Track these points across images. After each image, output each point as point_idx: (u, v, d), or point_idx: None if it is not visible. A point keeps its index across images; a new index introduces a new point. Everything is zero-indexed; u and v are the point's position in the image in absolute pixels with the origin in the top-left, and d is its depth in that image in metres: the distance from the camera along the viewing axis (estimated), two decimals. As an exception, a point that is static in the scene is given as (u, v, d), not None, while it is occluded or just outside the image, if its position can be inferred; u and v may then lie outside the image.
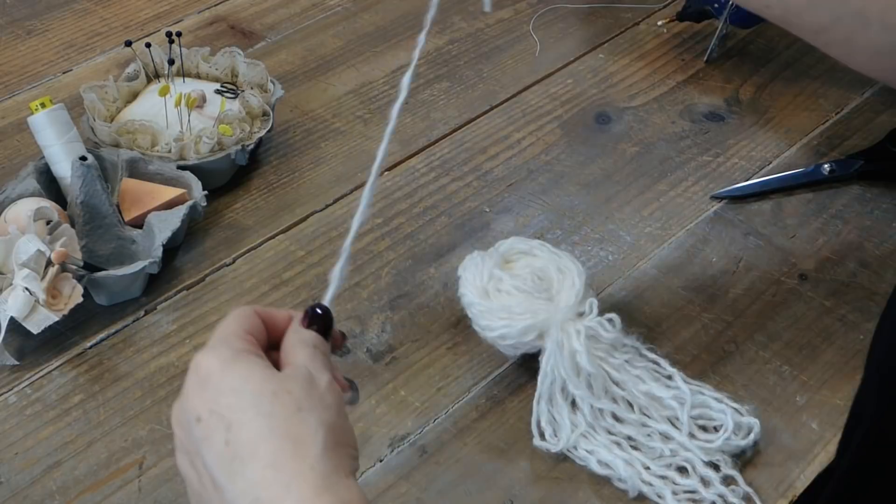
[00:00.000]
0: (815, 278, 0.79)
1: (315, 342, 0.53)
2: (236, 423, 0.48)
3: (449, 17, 1.07)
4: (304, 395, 0.49)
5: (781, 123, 0.93)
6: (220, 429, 0.48)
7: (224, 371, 0.50)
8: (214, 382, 0.50)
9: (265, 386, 0.49)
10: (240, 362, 0.50)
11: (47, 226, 0.74)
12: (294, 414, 0.48)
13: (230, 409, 0.48)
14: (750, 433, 0.67)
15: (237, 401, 0.49)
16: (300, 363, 0.52)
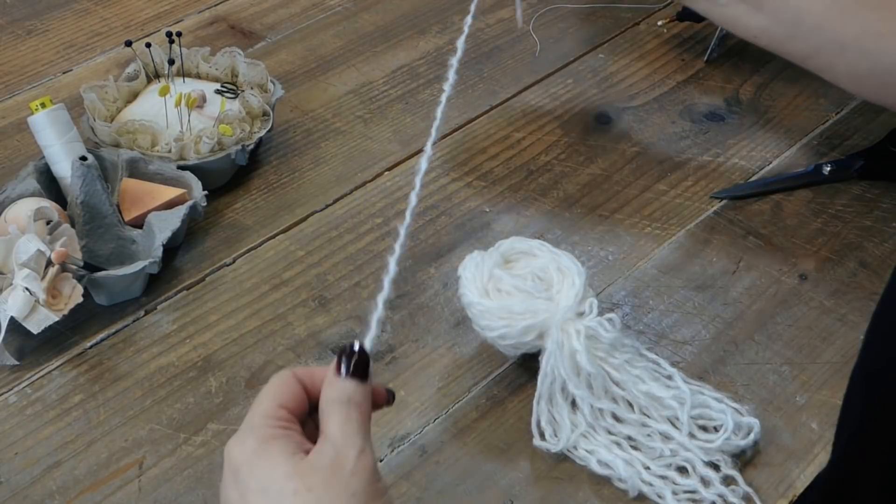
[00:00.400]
0: (815, 278, 0.79)
1: (349, 395, 0.51)
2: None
3: (449, 17, 1.07)
4: (325, 489, 0.48)
5: (781, 123, 0.93)
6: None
7: (250, 466, 0.49)
8: (243, 477, 0.49)
9: (287, 485, 0.48)
10: (263, 457, 0.49)
11: (47, 226, 0.74)
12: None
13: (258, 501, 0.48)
14: (750, 433, 0.67)
15: (262, 500, 0.48)
16: (328, 438, 0.50)
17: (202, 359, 0.74)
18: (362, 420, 0.50)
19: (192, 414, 0.70)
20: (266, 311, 0.77)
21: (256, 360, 0.73)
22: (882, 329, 0.55)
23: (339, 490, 0.48)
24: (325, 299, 0.78)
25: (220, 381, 0.72)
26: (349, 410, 0.50)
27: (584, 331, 0.68)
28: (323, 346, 0.74)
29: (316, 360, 0.73)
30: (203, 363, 0.73)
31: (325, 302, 0.77)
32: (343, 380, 0.51)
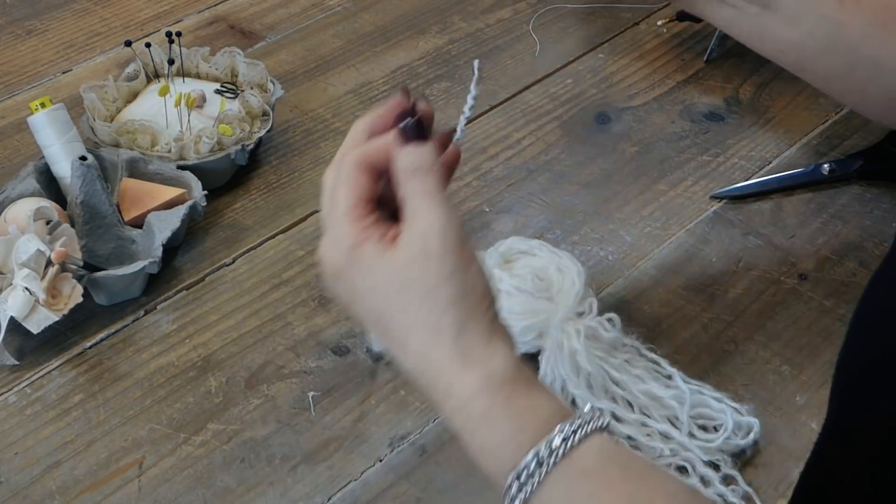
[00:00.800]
0: (815, 278, 0.79)
1: (418, 163, 0.52)
2: (383, 318, 0.52)
3: (449, 17, 1.07)
4: (424, 277, 0.51)
5: (781, 123, 0.93)
6: (372, 316, 0.53)
7: (351, 272, 0.52)
8: (346, 280, 0.53)
9: (391, 283, 0.51)
10: (358, 265, 0.52)
11: (47, 226, 0.74)
12: (422, 302, 0.51)
13: (372, 304, 0.52)
14: (750, 433, 0.67)
15: (374, 298, 0.52)
16: (411, 221, 0.51)
17: (202, 359, 0.74)
18: (436, 186, 0.52)
19: (192, 414, 0.70)
20: (266, 311, 0.77)
21: (256, 360, 0.73)
22: (861, 329, 0.55)
23: (437, 273, 0.51)
24: (324, 299, 0.78)
25: (219, 380, 0.72)
26: (422, 179, 0.52)
27: (583, 330, 0.68)
28: (323, 345, 0.74)
29: (316, 360, 0.73)
30: (203, 363, 0.73)
31: (324, 302, 0.77)
32: (407, 148, 0.52)
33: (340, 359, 0.73)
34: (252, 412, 0.70)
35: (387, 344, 0.53)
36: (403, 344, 0.52)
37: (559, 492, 0.48)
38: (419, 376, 0.52)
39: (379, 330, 0.53)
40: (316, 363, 0.73)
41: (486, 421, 0.50)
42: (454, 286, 0.51)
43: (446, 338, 0.51)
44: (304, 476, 0.66)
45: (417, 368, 0.52)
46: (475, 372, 0.50)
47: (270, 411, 0.70)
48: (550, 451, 0.48)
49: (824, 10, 0.63)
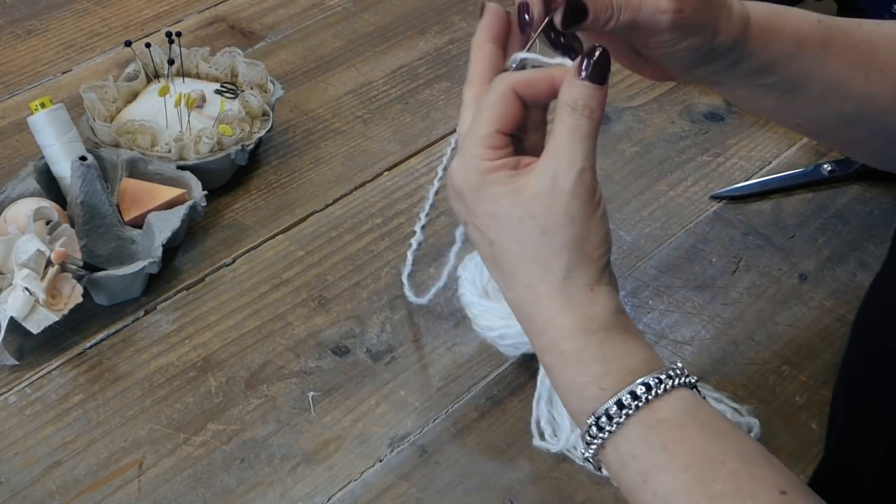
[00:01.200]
0: (814, 278, 0.79)
1: (585, 100, 0.51)
2: (496, 244, 0.53)
3: (449, 17, 1.07)
4: (547, 215, 0.51)
5: (781, 123, 0.93)
6: (485, 241, 0.53)
7: (475, 194, 0.52)
8: (469, 202, 0.53)
9: (513, 212, 0.51)
10: (485, 189, 0.52)
11: (47, 226, 0.74)
12: (539, 238, 0.51)
13: (488, 229, 0.53)
14: (750, 433, 0.67)
15: (492, 223, 0.52)
16: (552, 154, 0.51)
17: (202, 359, 0.74)
18: (590, 131, 0.51)
19: (192, 414, 0.70)
20: (266, 311, 0.77)
21: (256, 360, 0.73)
22: (866, 327, 0.55)
23: (560, 214, 0.51)
24: (324, 299, 0.78)
25: (219, 381, 0.72)
26: (580, 118, 0.51)
27: (583, 331, 0.68)
28: (323, 346, 0.74)
29: (316, 361, 0.73)
30: (203, 363, 0.73)
31: (324, 302, 0.77)
32: (581, 82, 0.51)
33: (340, 359, 0.73)
34: (252, 412, 0.70)
35: (493, 271, 0.54)
36: (511, 274, 0.53)
37: (634, 437, 0.49)
38: (519, 307, 0.53)
39: (489, 256, 0.53)
40: (316, 363, 0.73)
41: (576, 362, 0.51)
42: (573, 231, 0.51)
43: (554, 278, 0.52)
44: (304, 476, 0.66)
45: (519, 299, 0.53)
46: (574, 315, 0.51)
47: (270, 411, 0.70)
48: (632, 399, 0.50)
49: (852, 87, 0.61)
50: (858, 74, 0.61)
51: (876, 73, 0.61)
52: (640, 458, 0.49)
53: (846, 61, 0.61)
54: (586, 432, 0.51)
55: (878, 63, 0.61)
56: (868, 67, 0.61)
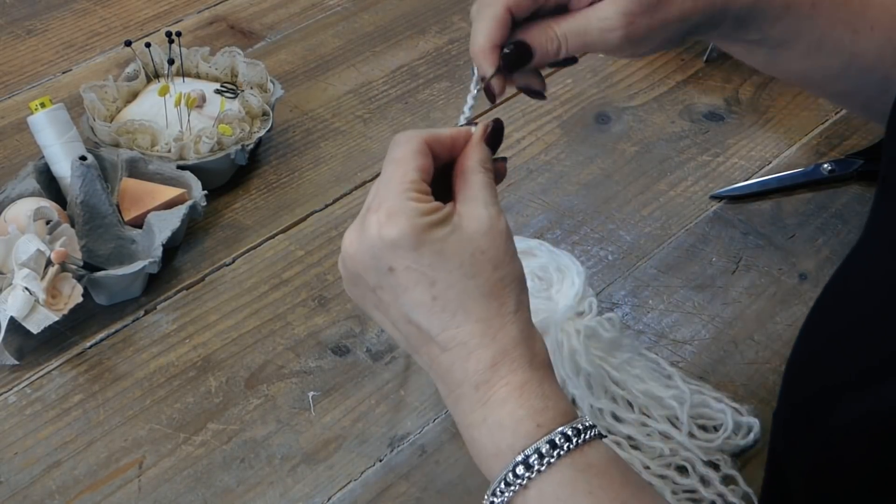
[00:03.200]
0: (814, 278, 0.79)
1: (488, 160, 0.55)
2: (441, 282, 0.52)
3: (449, 17, 1.07)
4: (495, 252, 0.53)
5: (781, 123, 0.93)
6: (422, 284, 0.52)
7: (419, 237, 0.52)
8: (407, 247, 0.52)
9: (464, 249, 0.53)
10: (433, 229, 0.53)
11: (47, 225, 0.74)
12: (492, 273, 0.53)
13: (433, 269, 0.52)
14: (750, 433, 0.67)
15: (440, 263, 0.52)
16: (476, 202, 0.54)
17: (202, 359, 0.74)
18: (493, 184, 0.55)
19: (192, 414, 0.70)
20: (266, 310, 0.77)
21: (256, 360, 0.73)
22: (808, 327, 0.55)
23: (504, 251, 0.53)
24: (324, 299, 0.78)
25: (219, 380, 0.72)
26: (487, 173, 0.55)
27: (583, 330, 0.68)
28: (322, 345, 0.74)
29: (316, 360, 0.73)
30: (203, 363, 0.73)
31: (324, 302, 0.77)
32: (485, 146, 0.56)
33: (340, 359, 0.73)
34: (252, 412, 0.70)
35: (430, 316, 0.53)
36: (460, 311, 0.53)
37: (562, 480, 0.50)
38: (463, 343, 0.53)
39: (425, 302, 0.53)
40: (316, 363, 0.73)
41: (518, 395, 0.52)
42: (517, 267, 0.54)
43: (508, 311, 0.53)
44: (304, 476, 0.66)
45: (471, 332, 0.52)
46: (525, 347, 0.53)
47: (270, 411, 0.70)
48: (565, 440, 0.50)
49: (838, 45, 0.62)
50: (846, 33, 0.62)
51: (865, 30, 0.62)
52: (565, 501, 0.49)
53: (835, 20, 0.62)
54: (511, 471, 0.50)
55: (869, 20, 0.62)
56: (858, 25, 0.62)
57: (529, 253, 0.74)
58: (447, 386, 0.54)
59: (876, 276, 0.53)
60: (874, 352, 0.49)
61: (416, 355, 0.55)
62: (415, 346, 0.54)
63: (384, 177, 0.54)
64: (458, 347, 0.53)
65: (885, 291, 0.51)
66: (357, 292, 0.56)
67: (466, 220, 0.53)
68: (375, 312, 0.56)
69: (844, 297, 0.54)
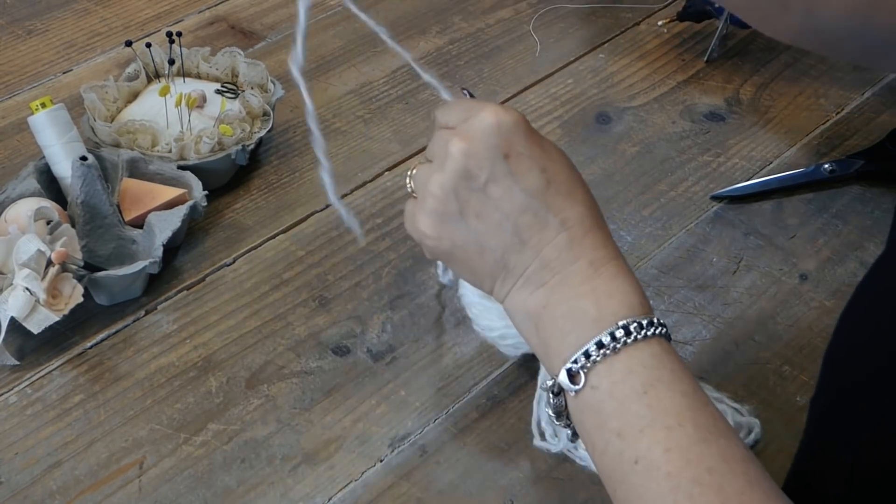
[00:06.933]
0: (815, 278, 0.79)
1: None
2: (550, 169, 0.57)
3: (449, 17, 1.07)
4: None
5: (781, 123, 0.93)
6: (535, 169, 0.57)
7: (529, 127, 0.58)
8: (524, 132, 0.57)
9: (557, 149, 0.59)
10: (530, 131, 0.58)
11: (47, 226, 0.75)
12: (576, 170, 0.59)
13: (542, 157, 0.57)
14: (750, 433, 0.67)
15: (546, 151, 0.58)
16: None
17: (202, 359, 0.74)
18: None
19: (193, 414, 0.70)
20: (266, 311, 0.77)
21: (256, 360, 0.73)
22: (850, 318, 0.55)
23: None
24: (325, 299, 0.78)
25: (220, 381, 0.72)
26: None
27: (584, 331, 0.68)
28: (323, 346, 0.74)
29: (316, 361, 0.73)
30: (203, 363, 0.73)
31: (325, 302, 0.77)
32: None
33: (341, 359, 0.73)
34: (252, 412, 0.70)
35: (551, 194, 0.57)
36: (571, 192, 0.57)
37: (652, 352, 0.54)
38: (584, 220, 0.57)
39: (546, 181, 0.57)
40: (316, 363, 0.73)
41: (626, 272, 0.57)
42: None
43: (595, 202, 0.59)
44: (305, 476, 0.66)
45: (585, 214, 0.57)
46: (613, 244, 0.58)
47: (271, 411, 0.70)
48: (661, 324, 0.56)
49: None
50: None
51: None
52: (652, 369, 0.53)
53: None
54: (610, 334, 0.54)
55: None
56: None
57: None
58: (555, 268, 0.56)
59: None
60: None
61: (519, 252, 0.57)
62: (525, 236, 0.57)
63: (459, 105, 0.60)
64: (576, 226, 0.57)
65: None
66: (455, 206, 0.58)
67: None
68: (472, 221, 0.58)
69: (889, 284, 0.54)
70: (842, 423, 0.54)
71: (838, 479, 0.54)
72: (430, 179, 0.59)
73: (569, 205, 0.57)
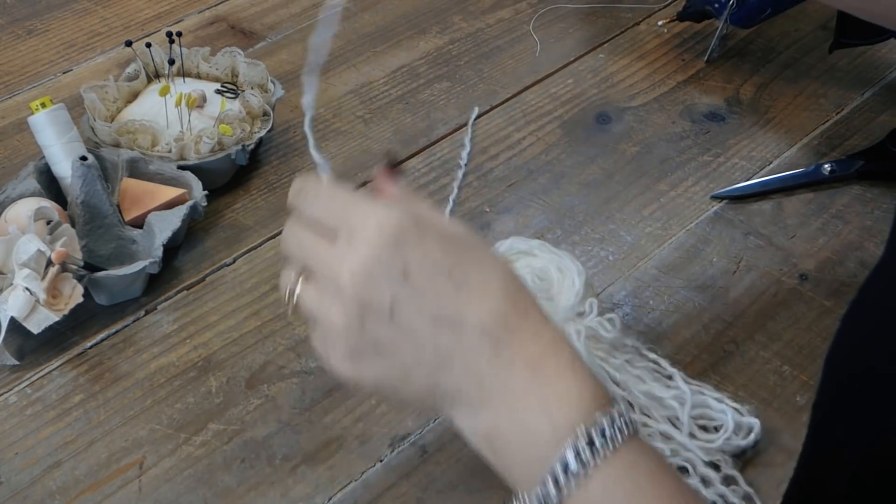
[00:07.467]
0: (815, 278, 0.79)
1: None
2: (457, 267, 0.50)
3: (449, 17, 1.07)
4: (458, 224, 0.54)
5: (781, 123, 0.93)
6: (440, 274, 0.50)
7: (421, 226, 0.51)
8: (412, 240, 0.50)
9: (447, 224, 0.52)
10: (429, 214, 0.52)
11: (48, 226, 0.74)
12: (480, 240, 0.53)
13: (443, 259, 0.50)
14: (750, 433, 0.67)
15: (448, 248, 0.51)
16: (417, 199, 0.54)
17: (202, 359, 0.74)
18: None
19: (193, 414, 0.70)
20: (266, 311, 0.77)
21: (256, 360, 0.73)
22: (852, 321, 0.55)
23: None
24: (325, 299, 0.78)
25: (220, 381, 0.72)
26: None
27: (584, 331, 0.68)
28: (323, 346, 0.74)
29: (316, 361, 0.73)
30: (203, 363, 0.73)
31: (325, 302, 0.77)
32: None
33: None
34: (252, 412, 0.70)
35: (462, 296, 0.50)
36: (481, 284, 0.51)
37: (629, 455, 0.48)
38: (502, 316, 0.50)
39: (454, 286, 0.50)
40: (316, 363, 0.73)
41: (552, 377, 0.49)
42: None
43: (514, 271, 0.53)
44: (305, 476, 0.66)
45: (499, 308, 0.50)
46: (550, 328, 0.51)
47: (271, 411, 0.70)
48: (623, 422, 0.49)
49: None
50: None
51: None
52: (628, 482, 0.48)
53: None
54: (574, 451, 0.47)
55: None
56: None
57: (529, 253, 0.74)
58: (491, 383, 0.50)
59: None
60: None
61: (447, 371, 0.50)
62: (447, 354, 0.50)
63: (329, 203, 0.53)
64: (499, 327, 0.50)
65: None
66: (364, 342, 0.51)
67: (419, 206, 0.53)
68: (388, 352, 0.51)
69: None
70: (844, 428, 0.54)
71: (841, 484, 0.53)
72: (330, 312, 0.51)
73: (484, 303, 0.50)
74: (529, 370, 0.49)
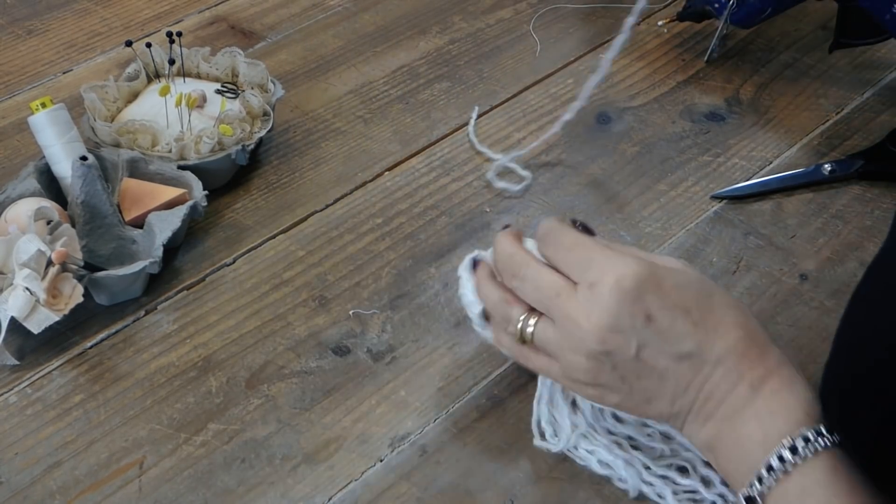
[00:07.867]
0: (815, 278, 0.79)
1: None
2: (694, 309, 0.58)
3: (449, 17, 1.07)
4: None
5: (781, 123, 0.93)
6: (680, 317, 0.57)
7: (656, 275, 0.58)
8: (651, 290, 0.57)
9: (682, 271, 0.60)
10: (659, 265, 0.59)
11: (48, 225, 0.75)
12: (714, 285, 0.60)
13: (681, 303, 0.57)
14: (750, 433, 0.67)
15: (684, 292, 0.58)
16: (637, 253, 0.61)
17: (202, 359, 0.74)
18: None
19: (193, 414, 0.70)
20: (266, 311, 0.77)
21: (256, 360, 0.73)
22: (849, 322, 0.56)
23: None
24: (325, 299, 0.78)
25: (220, 381, 0.72)
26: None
27: (584, 331, 0.68)
28: (323, 346, 0.74)
29: (316, 361, 0.73)
30: (203, 363, 0.73)
31: (325, 302, 0.77)
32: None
33: (341, 359, 0.73)
34: (252, 412, 0.70)
35: (700, 334, 0.57)
36: (720, 324, 0.58)
37: (825, 466, 0.54)
38: (736, 346, 0.58)
39: (693, 324, 0.57)
40: (316, 363, 0.73)
41: (789, 384, 0.57)
42: None
43: (747, 310, 0.60)
44: (305, 476, 0.66)
45: (737, 339, 0.58)
46: (774, 353, 0.59)
47: (271, 411, 0.70)
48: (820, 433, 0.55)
49: None
50: None
51: None
52: (826, 487, 0.54)
53: None
54: (777, 455, 0.54)
55: None
56: None
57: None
58: (718, 399, 0.57)
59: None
60: None
61: (683, 395, 0.58)
62: (685, 383, 0.58)
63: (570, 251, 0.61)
64: (730, 356, 0.57)
65: None
66: (612, 376, 0.59)
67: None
68: (634, 382, 0.58)
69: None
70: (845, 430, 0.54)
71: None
72: (574, 352, 0.59)
73: (720, 338, 0.57)
74: (752, 389, 0.57)
